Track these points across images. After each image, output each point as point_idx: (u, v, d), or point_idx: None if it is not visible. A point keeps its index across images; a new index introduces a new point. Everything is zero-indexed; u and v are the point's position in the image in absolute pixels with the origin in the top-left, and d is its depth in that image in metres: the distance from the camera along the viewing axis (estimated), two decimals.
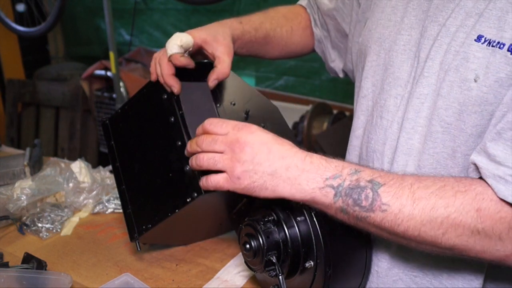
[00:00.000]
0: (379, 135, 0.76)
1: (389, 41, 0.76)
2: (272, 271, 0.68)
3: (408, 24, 0.74)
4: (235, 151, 0.66)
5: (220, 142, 0.68)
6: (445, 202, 0.59)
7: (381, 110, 0.76)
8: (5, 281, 0.79)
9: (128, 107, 0.91)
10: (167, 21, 3.26)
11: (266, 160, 0.65)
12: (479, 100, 0.63)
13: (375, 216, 0.61)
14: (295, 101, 2.84)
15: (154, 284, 0.85)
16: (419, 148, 0.71)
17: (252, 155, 0.65)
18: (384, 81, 0.76)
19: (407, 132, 0.72)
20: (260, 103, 0.88)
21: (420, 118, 0.70)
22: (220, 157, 0.67)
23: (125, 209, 0.87)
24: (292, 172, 0.64)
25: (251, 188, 0.66)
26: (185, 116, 0.78)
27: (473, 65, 0.64)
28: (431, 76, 0.69)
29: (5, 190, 1.09)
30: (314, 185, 0.63)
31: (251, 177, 0.65)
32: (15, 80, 3.30)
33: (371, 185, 0.61)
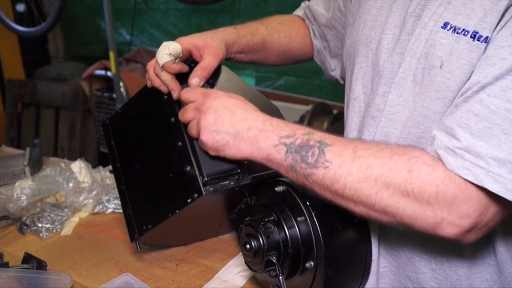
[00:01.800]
0: (370, 134, 0.77)
1: (375, 41, 0.77)
2: (272, 271, 0.68)
3: (392, 24, 0.75)
4: (201, 116, 0.72)
5: (190, 110, 0.74)
6: (381, 161, 0.61)
7: (371, 110, 0.77)
8: (5, 281, 0.79)
9: (129, 107, 0.91)
10: (168, 21, 3.26)
11: (228, 123, 0.70)
12: (442, 86, 0.65)
13: (318, 173, 0.64)
14: (295, 101, 2.84)
15: (154, 284, 0.85)
16: (395, 134, 0.73)
17: (214, 118, 0.70)
18: (373, 81, 0.78)
19: (383, 121, 0.74)
20: (261, 103, 0.87)
21: (393, 106, 0.72)
22: (193, 122, 0.74)
23: (125, 210, 0.87)
24: (253, 132, 0.69)
25: (216, 148, 0.71)
26: None
27: (439, 52, 0.65)
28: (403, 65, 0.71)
29: (5, 190, 1.09)
30: (270, 142, 0.67)
31: (213, 137, 0.70)
32: (15, 80, 3.30)
33: (319, 144, 0.65)
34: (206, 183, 0.74)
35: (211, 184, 0.74)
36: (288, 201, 0.70)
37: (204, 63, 0.82)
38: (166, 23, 3.27)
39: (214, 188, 0.74)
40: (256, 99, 0.87)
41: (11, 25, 2.78)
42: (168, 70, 0.80)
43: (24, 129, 3.33)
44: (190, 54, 0.84)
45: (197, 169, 0.75)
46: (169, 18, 3.25)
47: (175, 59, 0.81)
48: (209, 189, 0.74)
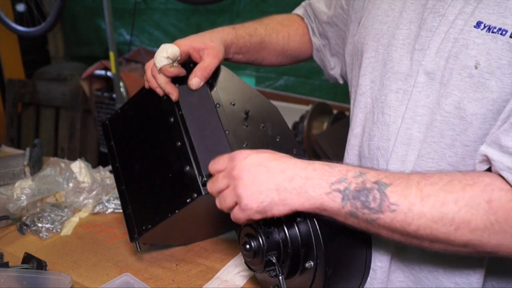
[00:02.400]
0: (383, 131, 0.75)
1: (388, 36, 0.76)
2: (272, 271, 0.68)
3: (407, 19, 0.74)
4: (235, 179, 0.65)
5: (221, 178, 0.68)
6: (454, 197, 0.57)
7: (382, 106, 0.75)
8: (5, 281, 0.79)
9: (128, 108, 0.91)
10: (167, 21, 3.26)
11: (267, 178, 0.64)
12: (480, 87, 0.63)
13: (385, 217, 0.60)
14: (295, 101, 2.84)
15: (154, 284, 0.85)
16: (419, 138, 0.71)
17: (251, 178, 0.64)
18: (383, 76, 0.76)
19: (406, 122, 0.72)
20: (260, 103, 0.88)
21: (418, 107, 0.70)
22: (226, 191, 0.67)
23: (125, 210, 0.87)
24: (297, 182, 0.63)
25: (262, 209, 0.64)
26: (185, 117, 0.78)
27: (473, 52, 0.64)
28: (427, 65, 0.69)
29: (5, 190, 1.09)
30: (321, 190, 0.62)
31: (257, 199, 0.64)
32: (15, 80, 3.30)
33: (377, 186, 0.60)
34: (206, 183, 0.74)
35: None
36: None
37: (204, 63, 0.82)
38: (165, 23, 3.27)
39: None
40: (255, 99, 0.87)
41: (11, 25, 2.78)
42: (165, 74, 0.80)
43: (24, 129, 3.33)
44: (188, 56, 0.84)
45: (196, 169, 0.75)
46: (168, 18, 3.25)
47: (172, 62, 0.81)
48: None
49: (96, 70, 2.89)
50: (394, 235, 0.62)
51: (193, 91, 0.81)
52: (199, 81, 0.81)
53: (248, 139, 0.81)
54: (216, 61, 0.83)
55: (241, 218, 0.66)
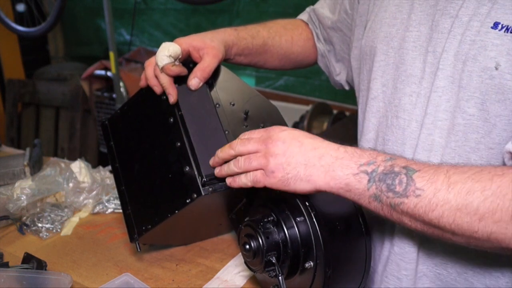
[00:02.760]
0: (397, 135, 0.75)
1: (398, 39, 0.75)
2: (272, 271, 0.68)
3: (416, 20, 0.73)
4: (268, 146, 0.67)
5: (254, 142, 0.69)
6: (481, 186, 0.55)
7: (396, 110, 0.75)
8: (5, 281, 0.79)
9: (128, 108, 0.91)
10: (167, 21, 3.26)
11: (299, 152, 0.65)
12: (502, 88, 0.63)
13: (409, 202, 0.58)
14: (295, 101, 2.84)
15: (154, 284, 0.85)
16: (441, 143, 0.70)
17: (284, 148, 0.66)
18: (396, 80, 0.75)
19: (427, 128, 0.71)
20: (260, 103, 0.88)
21: (439, 112, 0.69)
22: (254, 155, 0.68)
23: (125, 210, 0.87)
24: (326, 160, 0.63)
25: (285, 180, 0.65)
26: (184, 117, 0.79)
27: (492, 53, 0.63)
28: (446, 68, 0.68)
29: (5, 190, 1.09)
30: (348, 171, 0.62)
31: (284, 169, 0.65)
32: (15, 80, 3.30)
33: (405, 170, 0.59)
34: (205, 184, 0.74)
35: (210, 184, 0.75)
36: (287, 201, 0.70)
37: (204, 63, 0.82)
38: (165, 23, 3.27)
39: (213, 188, 0.75)
40: (255, 99, 0.88)
41: (11, 25, 2.78)
42: (167, 72, 0.80)
43: (24, 129, 3.33)
44: (188, 55, 0.84)
45: (196, 170, 0.75)
46: (168, 18, 3.26)
47: (174, 61, 0.81)
48: (208, 189, 0.74)
49: (96, 70, 2.89)
50: (417, 223, 0.60)
51: (193, 91, 0.81)
52: (198, 82, 0.81)
53: None
54: (216, 60, 0.83)
55: (261, 182, 0.67)
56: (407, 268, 0.75)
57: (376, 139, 0.80)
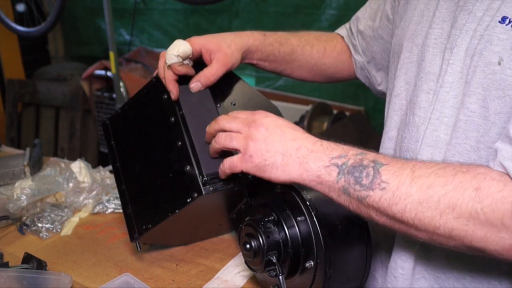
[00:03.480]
0: (412, 133, 0.74)
1: (421, 36, 0.75)
2: (272, 271, 0.68)
3: (439, 18, 0.72)
4: (250, 130, 0.68)
5: (238, 122, 0.70)
6: (443, 180, 0.55)
7: (414, 108, 0.74)
8: (5, 281, 0.79)
9: (128, 107, 0.91)
10: (167, 21, 3.27)
11: (279, 141, 0.66)
12: (502, 84, 0.62)
13: (374, 195, 0.59)
14: (295, 101, 2.84)
15: (154, 284, 0.85)
16: (446, 140, 0.69)
17: (265, 135, 0.67)
18: (416, 77, 0.75)
19: (432, 123, 0.71)
20: (261, 103, 0.88)
21: (446, 108, 0.69)
22: (236, 135, 0.70)
23: (125, 209, 0.87)
24: (302, 152, 0.65)
25: (262, 167, 0.67)
26: (185, 117, 0.78)
27: (497, 48, 0.62)
28: (456, 64, 0.68)
29: (5, 190, 1.09)
30: (320, 163, 0.63)
31: (262, 155, 0.66)
32: (15, 80, 3.30)
33: (373, 164, 0.60)
34: (206, 183, 0.74)
35: (211, 183, 0.74)
36: (288, 201, 0.70)
37: (211, 70, 0.81)
38: (165, 23, 3.27)
39: (214, 187, 0.74)
40: (256, 99, 0.87)
41: (11, 25, 2.78)
42: (174, 71, 0.79)
43: (24, 129, 3.33)
44: (200, 56, 0.83)
45: (197, 169, 0.75)
46: (168, 18, 3.26)
47: (182, 61, 0.80)
48: (209, 189, 0.74)
49: (96, 70, 2.89)
50: (383, 217, 0.61)
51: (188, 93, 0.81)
52: (200, 87, 0.81)
53: None
54: (224, 69, 0.82)
55: (237, 167, 0.69)
56: (403, 267, 0.75)
57: (397, 138, 0.80)
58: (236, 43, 0.84)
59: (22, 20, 2.79)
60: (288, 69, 0.97)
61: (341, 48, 1.01)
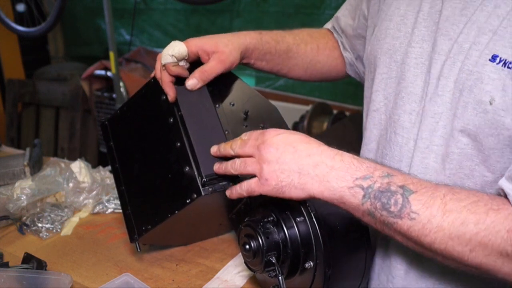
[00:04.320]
0: (394, 152, 0.75)
1: (400, 53, 0.74)
2: (272, 271, 0.68)
3: (419, 36, 0.72)
4: (261, 152, 0.66)
5: (249, 146, 0.69)
6: (476, 218, 0.55)
7: (395, 126, 0.74)
8: (5, 281, 0.79)
9: (127, 108, 0.91)
10: (167, 21, 3.27)
11: (292, 159, 0.64)
12: (495, 124, 0.61)
13: (403, 224, 0.58)
14: (295, 101, 2.84)
15: (154, 284, 0.85)
16: (435, 168, 0.69)
17: (277, 155, 0.65)
18: (397, 95, 0.75)
19: (421, 151, 0.70)
20: (259, 103, 0.88)
21: (435, 137, 0.69)
22: (250, 160, 0.68)
23: (125, 210, 0.87)
24: (321, 169, 0.62)
25: (279, 188, 0.65)
26: (184, 117, 0.79)
27: (488, 87, 0.62)
28: (445, 95, 0.67)
29: (5, 190, 1.09)
30: (344, 183, 0.61)
31: (278, 177, 0.64)
32: (15, 80, 3.30)
33: (402, 190, 0.58)
34: (205, 184, 0.74)
35: (210, 184, 0.75)
36: (287, 201, 0.70)
37: (206, 66, 0.81)
38: (165, 23, 3.27)
39: (212, 188, 0.75)
40: (255, 99, 0.88)
41: (11, 25, 2.78)
42: (168, 71, 0.80)
43: (24, 129, 3.33)
44: (197, 58, 0.83)
45: (196, 170, 0.75)
46: (168, 18, 3.26)
47: (177, 62, 0.80)
48: (208, 190, 0.74)
49: (96, 70, 2.89)
50: (409, 242, 0.60)
51: (193, 91, 0.81)
52: (196, 83, 0.80)
53: None
54: (221, 66, 0.81)
55: (254, 191, 0.67)
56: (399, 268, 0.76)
57: (377, 151, 0.80)
58: (233, 43, 0.84)
59: (22, 20, 2.79)
60: (284, 68, 0.97)
61: (333, 44, 1.02)
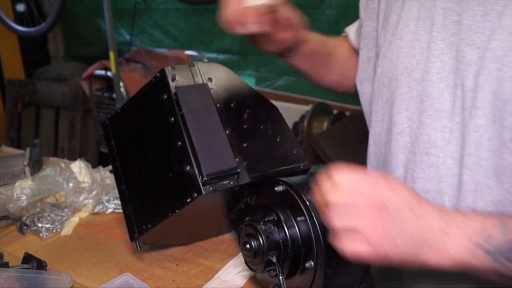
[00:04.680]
0: (430, 173, 0.71)
1: (420, 70, 0.71)
2: (272, 271, 0.68)
3: (437, 50, 0.69)
4: (377, 208, 0.56)
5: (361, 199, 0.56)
6: None
7: (426, 146, 0.71)
8: (5, 281, 0.79)
9: (128, 107, 0.91)
10: (168, 21, 3.26)
11: (409, 220, 0.56)
12: None
13: None
14: (295, 101, 2.84)
15: (154, 284, 0.85)
16: (488, 183, 0.67)
17: (394, 214, 0.56)
18: (421, 114, 0.71)
19: (470, 169, 0.67)
20: (260, 103, 0.88)
21: (482, 151, 0.66)
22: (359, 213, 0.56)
23: (125, 209, 0.87)
24: (435, 234, 0.56)
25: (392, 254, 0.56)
26: (185, 117, 0.78)
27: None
28: (486, 107, 0.64)
29: (5, 190, 1.09)
30: (462, 249, 0.56)
31: (393, 240, 0.56)
32: (15, 80, 3.30)
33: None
34: (206, 183, 0.74)
35: (210, 183, 0.74)
36: (288, 200, 0.70)
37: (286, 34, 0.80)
38: (166, 23, 3.27)
39: (213, 187, 0.74)
40: (256, 99, 0.88)
41: (11, 25, 2.78)
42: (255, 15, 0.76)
43: (24, 129, 3.33)
44: None
45: (197, 169, 0.75)
46: (168, 18, 3.25)
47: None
48: (209, 189, 0.74)
49: (96, 70, 2.89)
50: None
51: (193, 91, 0.81)
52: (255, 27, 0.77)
53: (248, 139, 0.81)
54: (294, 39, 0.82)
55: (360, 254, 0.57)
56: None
57: (405, 176, 0.76)
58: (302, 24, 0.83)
59: (22, 20, 2.79)
60: (322, 71, 0.95)
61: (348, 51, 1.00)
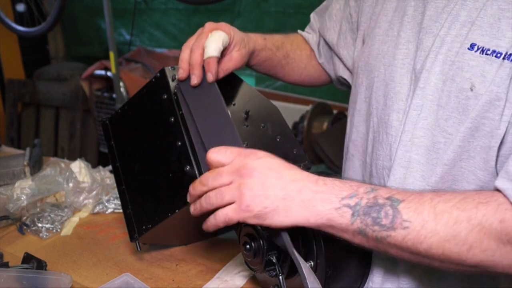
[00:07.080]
0: (386, 151, 0.76)
1: (388, 56, 0.77)
2: (272, 271, 0.68)
3: (404, 38, 0.75)
4: (243, 177, 0.61)
5: (226, 173, 0.63)
6: (467, 215, 0.55)
7: (386, 126, 0.76)
8: (5, 281, 0.79)
9: (128, 107, 0.91)
10: (168, 21, 3.26)
11: (277, 184, 0.61)
12: (477, 109, 0.64)
13: (396, 235, 0.57)
14: (295, 101, 2.84)
15: (154, 284, 0.85)
16: (418, 160, 0.71)
17: (261, 179, 0.61)
18: (386, 96, 0.77)
19: (404, 144, 0.72)
20: (260, 103, 0.88)
21: (417, 129, 0.70)
22: (227, 187, 0.62)
23: (125, 209, 0.87)
24: (306, 194, 0.60)
25: (262, 215, 0.60)
26: (185, 117, 0.79)
27: (468, 74, 0.64)
28: (427, 87, 0.69)
29: (5, 190, 1.09)
30: (330, 205, 0.59)
31: (262, 202, 0.60)
32: (15, 80, 3.30)
33: (390, 202, 0.58)
34: None
35: None
36: None
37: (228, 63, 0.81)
38: (166, 23, 3.27)
39: None
40: (256, 99, 0.87)
41: (11, 25, 2.78)
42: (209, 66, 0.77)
43: (24, 129, 3.33)
44: None
45: (197, 169, 0.75)
46: (169, 18, 3.25)
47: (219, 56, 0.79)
48: None
49: (96, 70, 2.89)
50: (404, 253, 0.60)
51: (194, 90, 0.81)
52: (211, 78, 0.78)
53: (248, 139, 0.81)
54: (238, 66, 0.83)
55: (232, 219, 0.62)
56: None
57: (372, 153, 0.81)
58: (248, 43, 0.86)
59: (22, 20, 2.79)
60: (281, 72, 0.99)
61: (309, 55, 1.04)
